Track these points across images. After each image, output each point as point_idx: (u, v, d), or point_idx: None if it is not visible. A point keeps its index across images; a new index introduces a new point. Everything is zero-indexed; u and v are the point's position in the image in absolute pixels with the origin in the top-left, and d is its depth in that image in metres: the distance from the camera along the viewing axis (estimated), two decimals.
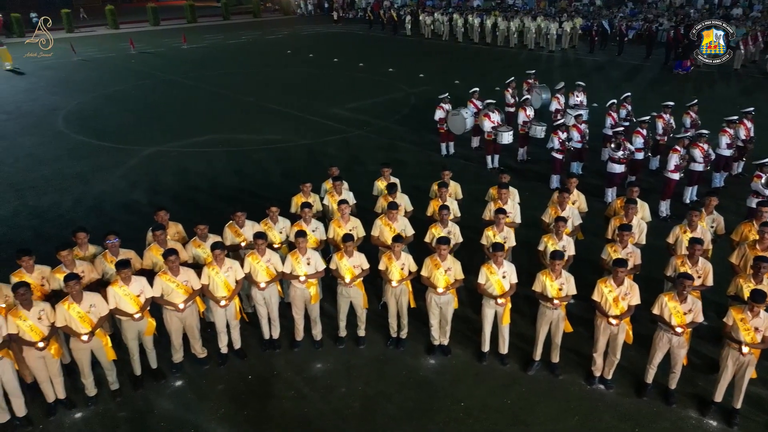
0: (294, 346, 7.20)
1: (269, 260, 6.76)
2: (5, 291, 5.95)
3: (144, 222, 9.60)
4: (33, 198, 11.75)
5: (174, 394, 6.46)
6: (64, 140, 15.60)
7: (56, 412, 6.16)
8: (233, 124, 16.87)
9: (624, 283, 5.94)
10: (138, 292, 6.17)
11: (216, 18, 44.48)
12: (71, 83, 22.77)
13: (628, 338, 6.18)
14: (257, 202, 10.26)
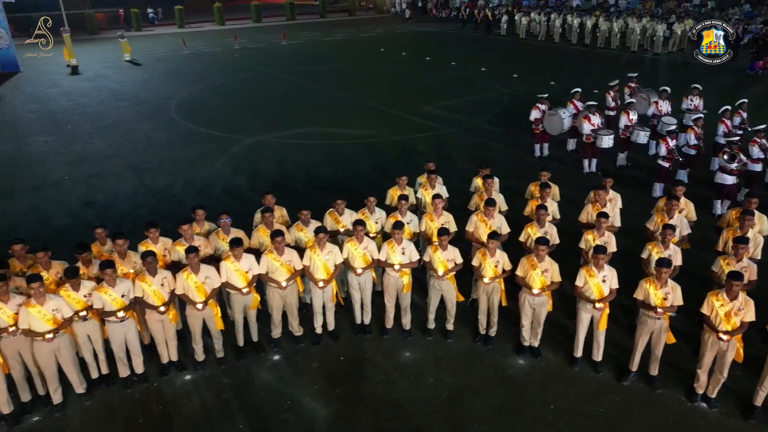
0: (383, 334, 7.41)
1: (366, 247, 7.01)
2: (134, 258, 6.61)
3: (244, 206, 10.27)
4: (149, 179, 12.82)
5: (272, 367, 6.87)
6: (176, 127, 16.87)
7: (169, 373, 6.75)
8: (328, 119, 17.46)
9: (738, 298, 5.61)
10: (247, 268, 6.62)
11: (313, 16, 46.04)
12: (182, 75, 24.51)
13: (737, 357, 5.83)
14: (350, 193, 10.61)
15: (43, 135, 16.12)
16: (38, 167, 13.58)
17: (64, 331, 5.97)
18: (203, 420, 6.08)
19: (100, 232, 6.85)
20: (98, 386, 6.51)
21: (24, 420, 6.08)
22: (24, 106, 19.40)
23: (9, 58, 25.37)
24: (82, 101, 20.00)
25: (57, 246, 6.94)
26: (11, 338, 5.79)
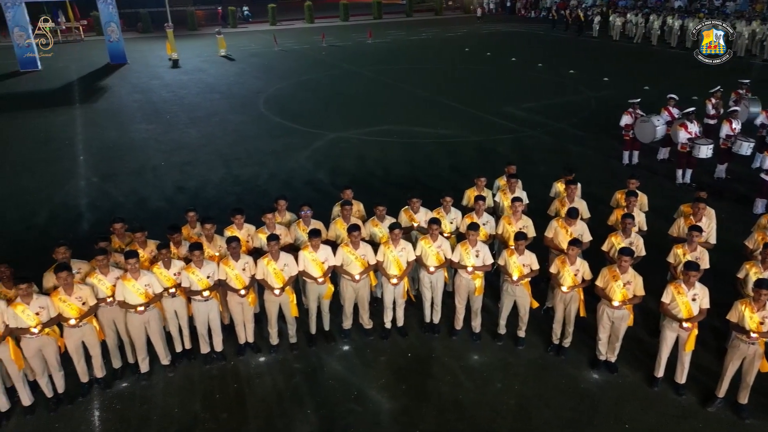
0: (452, 335, 7.37)
1: (440, 246, 6.99)
2: (220, 242, 6.99)
3: (324, 198, 10.53)
4: (237, 168, 13.48)
5: (341, 357, 7.03)
6: (264, 120, 17.61)
7: (245, 353, 7.08)
8: (409, 117, 17.54)
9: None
10: (323, 259, 6.81)
11: (399, 15, 46.37)
12: (272, 70, 25.52)
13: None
14: (426, 192, 10.63)
15: (144, 123, 17.37)
16: (139, 153, 14.66)
17: (154, 306, 6.42)
18: (274, 401, 6.33)
19: (191, 216, 7.29)
20: (181, 360, 6.95)
21: (114, 385, 6.60)
22: (129, 96, 20.98)
23: (118, 51, 27.50)
24: (180, 93, 21.35)
25: (152, 226, 7.44)
26: (108, 308, 6.31)
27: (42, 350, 6.00)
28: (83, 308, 6.01)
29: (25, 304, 5.71)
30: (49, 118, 18.08)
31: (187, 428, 5.96)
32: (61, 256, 6.24)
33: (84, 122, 17.56)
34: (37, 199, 11.70)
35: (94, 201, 11.66)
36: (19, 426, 6.02)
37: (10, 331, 5.73)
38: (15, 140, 15.82)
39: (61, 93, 21.64)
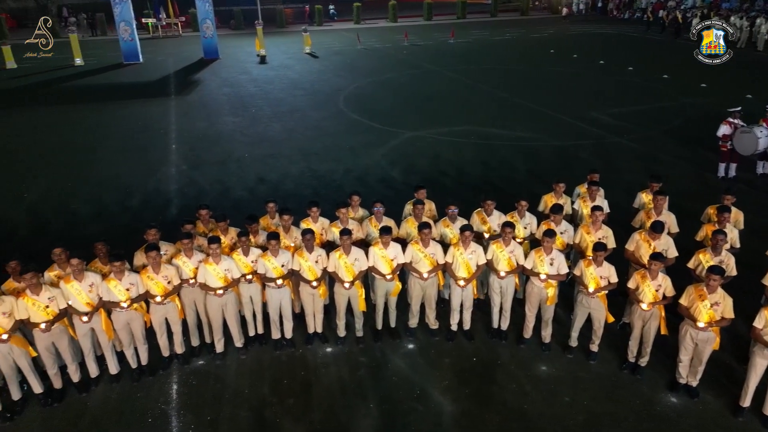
0: (520, 343, 7.19)
1: (512, 251, 6.85)
2: (295, 234, 7.22)
3: (397, 196, 10.60)
4: (315, 163, 13.85)
5: (406, 355, 7.06)
6: (343, 117, 17.97)
7: (313, 342, 7.29)
8: (486, 118, 17.27)
9: None
10: (393, 256, 6.87)
11: (484, 15, 45.68)
12: (353, 68, 25.96)
13: None
14: (500, 195, 10.42)
15: (231, 116, 18.23)
16: (225, 144, 15.40)
17: (232, 290, 6.74)
18: (338, 392, 6.47)
19: (270, 207, 7.58)
20: (253, 343, 7.25)
21: (192, 361, 7.00)
22: (219, 90, 22.08)
23: (211, 47, 29.01)
24: (266, 88, 22.21)
25: (233, 214, 7.82)
26: (190, 289, 6.69)
27: (130, 324, 6.46)
28: (168, 287, 6.41)
29: (117, 280, 6.17)
30: (146, 107, 19.41)
31: (256, 409, 6.21)
32: (152, 238, 6.70)
33: (177, 113, 18.69)
34: (132, 183, 12.60)
35: (182, 188, 12.39)
36: (106, 392, 6.52)
37: (103, 304, 6.21)
38: (116, 128, 17.10)
39: (159, 85, 23.14)
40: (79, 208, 11.36)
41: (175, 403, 6.33)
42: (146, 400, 6.36)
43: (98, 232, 10.01)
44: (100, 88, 22.86)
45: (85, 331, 6.27)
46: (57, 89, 22.65)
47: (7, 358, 5.94)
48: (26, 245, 9.65)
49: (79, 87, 23.03)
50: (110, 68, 26.72)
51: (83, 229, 10.37)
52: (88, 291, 6.07)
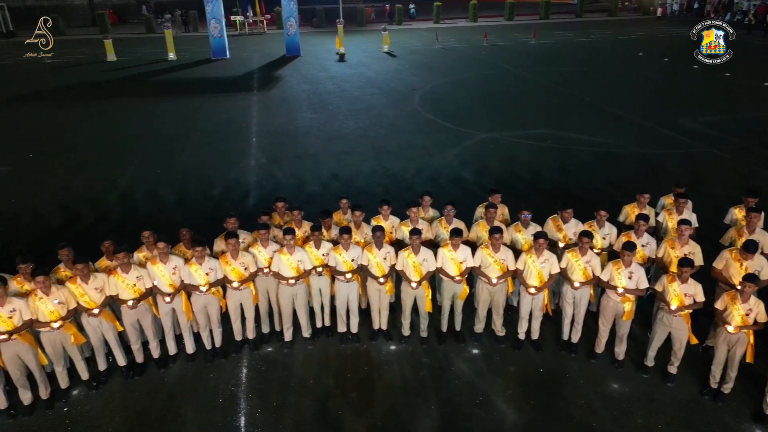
0: (591, 357, 6.91)
1: (588, 262, 6.59)
2: (366, 230, 7.30)
3: (468, 198, 10.51)
4: (387, 161, 13.95)
5: (470, 360, 6.98)
6: (417, 116, 17.99)
7: (377, 339, 7.35)
8: (565, 122, 16.70)
9: None
10: (462, 259, 6.80)
11: (569, 15, 44.22)
12: (430, 68, 25.91)
13: None
14: (577, 203, 10.05)
15: (309, 112, 18.72)
16: (302, 139, 15.84)
17: (303, 281, 6.93)
18: (400, 390, 6.49)
19: (344, 203, 7.71)
20: (320, 335, 7.42)
21: (261, 348, 7.26)
22: (299, 86, 22.74)
23: (294, 44, 29.92)
24: (343, 86, 22.62)
25: (306, 208, 7.99)
26: (264, 277, 6.94)
27: (207, 307, 6.80)
28: (245, 273, 6.69)
29: (198, 265, 6.51)
30: (231, 101, 20.31)
31: (320, 400, 6.35)
32: (231, 226, 7.01)
33: (259, 107, 19.43)
34: (214, 174, 13.23)
35: (260, 180, 12.86)
36: (182, 369, 6.90)
37: (184, 286, 6.57)
38: (202, 120, 18.01)
39: (243, 80, 24.15)
40: (165, 195, 12.07)
41: (244, 386, 6.59)
42: (218, 381, 6.66)
43: (182, 218, 10.61)
44: (189, 81, 24.16)
45: (167, 310, 6.66)
46: (151, 82, 24.18)
47: (96, 331, 6.42)
48: (118, 227, 10.38)
49: (170, 80, 24.46)
50: (200, 63, 28.17)
51: (169, 215, 11.01)
52: (171, 273, 6.45)
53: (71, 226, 10.66)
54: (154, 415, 6.16)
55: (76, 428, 6.01)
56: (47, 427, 6.03)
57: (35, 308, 5.89)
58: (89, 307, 6.16)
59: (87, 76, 25.02)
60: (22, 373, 6.10)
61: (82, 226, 10.64)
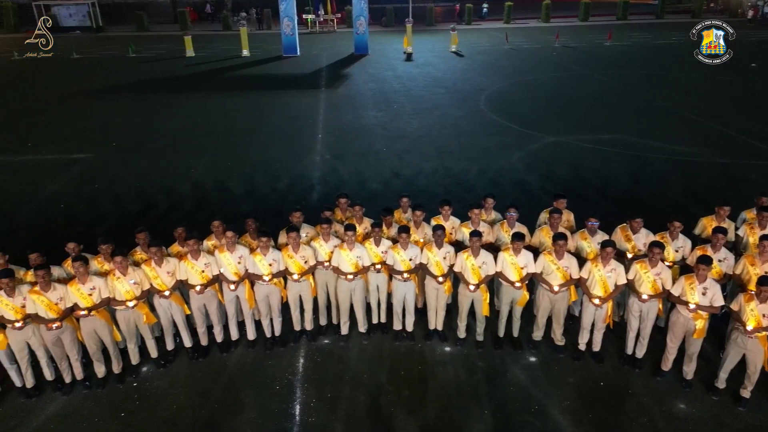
0: (657, 375, 6.59)
1: (659, 274, 6.28)
2: (426, 229, 7.29)
3: (531, 202, 10.29)
4: (449, 161, 13.87)
5: (527, 367, 6.83)
6: (481, 117, 17.76)
7: (432, 339, 7.33)
8: (639, 128, 15.99)
9: None
10: (523, 264, 6.66)
11: (648, 16, 42.31)
12: (498, 68, 25.52)
13: None
14: (648, 212, 9.61)
15: (374, 110, 18.89)
16: (366, 137, 16.02)
17: (361, 277, 7.01)
18: (453, 392, 6.45)
19: (404, 201, 7.73)
20: (375, 331, 7.49)
21: (318, 339, 7.41)
22: (365, 84, 22.98)
23: (362, 43, 30.27)
24: (409, 85, 22.67)
25: (368, 205, 8.06)
26: (324, 270, 7.08)
27: (268, 296, 7.02)
28: (305, 266, 6.86)
29: (262, 255, 6.73)
30: (299, 98, 20.82)
31: (373, 395, 6.42)
32: (296, 220, 7.19)
33: (326, 104, 19.81)
34: (281, 168, 13.62)
35: (324, 175, 13.12)
36: (243, 355, 7.16)
37: (248, 275, 6.82)
38: (271, 115, 18.58)
39: (312, 77, 24.69)
40: (234, 186, 12.54)
41: (300, 375, 6.76)
42: (276, 369, 6.87)
43: (249, 209, 11.01)
44: (261, 78, 24.97)
45: (231, 297, 6.94)
46: (225, 77, 25.17)
47: (166, 312, 6.78)
48: (190, 215, 10.90)
49: (243, 76, 25.37)
50: (271, 60, 29.05)
51: (236, 206, 11.44)
52: (237, 262, 6.71)
53: (148, 211, 11.29)
54: (215, 397, 6.44)
55: (144, 403, 6.37)
56: (118, 400, 6.42)
57: (113, 287, 6.29)
58: (161, 289, 6.51)
59: (167, 71, 26.36)
60: (98, 348, 6.53)
61: (158, 213, 11.25)
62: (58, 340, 6.25)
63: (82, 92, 21.90)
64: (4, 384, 6.48)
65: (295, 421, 6.09)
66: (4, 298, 5.89)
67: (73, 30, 40.55)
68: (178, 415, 6.18)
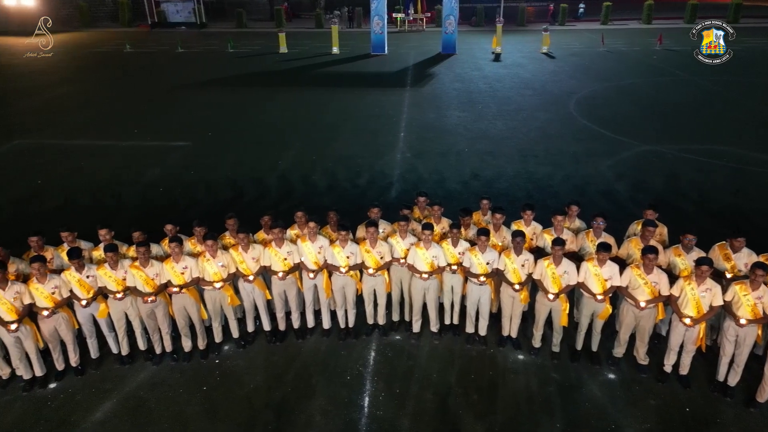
0: (751, 406, 6.09)
1: (760, 298, 5.80)
2: (505, 233, 7.15)
3: (620, 213, 9.84)
4: (533, 165, 13.49)
5: (604, 384, 6.53)
6: (570, 122, 17.11)
7: (505, 346, 7.19)
8: (746, 139, 14.78)
9: None
10: (607, 276, 6.38)
11: (765, 20, 38.80)
12: (591, 71, 24.46)
13: None
14: (755, 230, 8.87)
15: (458, 110, 18.73)
16: (448, 137, 15.92)
17: (435, 276, 7.00)
18: (524, 401, 6.30)
19: (485, 203, 7.61)
20: (447, 332, 7.46)
21: (390, 335, 7.48)
22: (450, 84, 22.83)
23: (450, 42, 30.07)
24: (495, 86, 22.27)
25: (445, 205, 7.96)
26: (399, 267, 7.13)
27: (344, 288, 7.18)
28: (380, 261, 6.95)
29: (341, 248, 6.89)
30: (384, 96, 21.05)
31: (441, 395, 6.41)
32: (374, 215, 7.30)
33: (410, 103, 19.89)
34: (362, 164, 13.85)
35: (404, 173, 13.20)
36: (317, 343, 7.39)
37: (327, 266, 7.01)
38: (356, 112, 18.93)
39: (398, 76, 24.88)
40: (317, 179, 12.92)
41: (371, 368, 6.88)
42: (347, 360, 7.03)
43: (330, 202, 11.31)
44: (348, 75, 25.51)
45: (310, 286, 7.18)
46: (314, 73, 25.94)
47: (249, 296, 7.13)
48: (275, 204, 11.36)
49: (331, 73, 26.03)
50: (359, 58, 29.58)
51: (318, 198, 11.79)
52: (317, 252, 6.92)
53: (237, 199, 11.90)
54: (290, 380, 6.69)
55: (224, 380, 6.74)
56: (201, 374, 6.84)
57: (202, 268, 6.69)
58: (246, 274, 6.85)
59: (261, 66, 27.57)
60: (186, 324, 6.99)
61: (246, 201, 11.82)
62: (152, 313, 6.76)
63: (184, 84, 23.39)
64: (103, 350, 7.08)
65: (364, 412, 6.20)
66: (108, 271, 6.45)
67: (179, 26, 43.36)
68: (254, 394, 6.49)
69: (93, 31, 41.95)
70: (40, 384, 6.65)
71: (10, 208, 11.53)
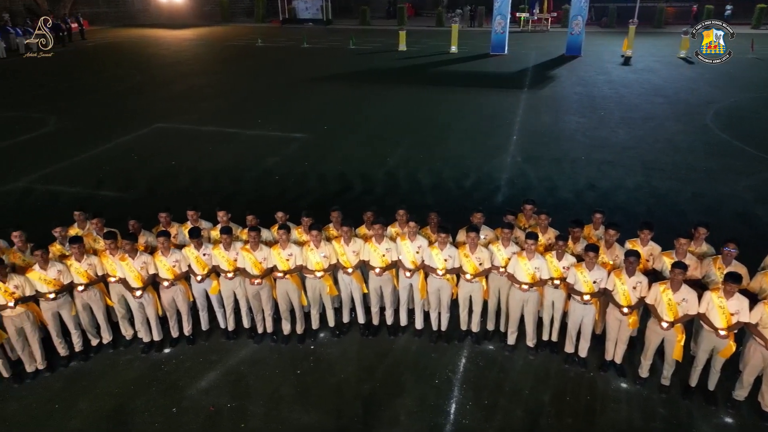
0: None
1: None
2: (617, 251, 6.67)
3: (757, 240, 8.77)
4: (657, 179, 12.45)
5: (720, 427, 5.84)
6: (705, 134, 15.57)
7: (607, 371, 6.72)
8: None
9: None
10: (734, 310, 5.72)
11: None
12: (736, 79, 22.11)
13: None
14: None
15: (577, 116, 17.79)
16: (564, 143, 15.17)
17: (536, 289, 6.72)
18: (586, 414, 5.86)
19: (598, 217, 7.13)
20: (544, 348, 7.14)
21: (483, 343, 7.32)
22: (571, 88, 21.74)
23: (575, 44, 28.59)
24: (621, 91, 20.85)
25: (554, 215, 7.61)
26: (498, 276, 6.92)
27: (440, 290, 7.10)
28: (479, 268, 6.80)
29: (439, 250, 6.82)
30: (500, 97, 20.56)
31: (532, 413, 6.14)
32: (476, 220, 7.14)
33: (526, 106, 19.24)
34: (469, 165, 13.63)
35: (512, 178, 12.80)
36: (408, 342, 7.40)
37: (423, 267, 6.99)
38: (468, 112, 18.66)
39: (516, 77, 24.17)
40: (423, 178, 12.93)
41: (460, 375, 6.76)
42: (437, 363, 6.97)
43: (433, 202, 11.27)
44: (465, 74, 25.23)
45: (405, 284, 7.22)
46: (431, 72, 25.97)
47: (347, 288, 7.32)
48: (380, 201, 11.54)
49: (448, 72, 25.91)
50: (478, 57, 29.14)
51: (422, 197, 11.79)
52: (415, 252, 6.91)
53: (344, 192, 12.26)
54: (379, 375, 6.78)
55: (318, 366, 6.99)
56: (297, 358, 7.15)
57: (306, 257, 6.98)
58: (346, 266, 7.04)
59: (380, 63, 28.13)
60: (287, 308, 7.33)
61: (352, 194, 12.14)
62: (257, 294, 7.17)
63: (306, 78, 24.51)
64: (212, 323, 7.64)
65: (449, 419, 6.12)
66: (221, 251, 6.93)
67: (306, 22, 45.55)
68: (345, 383, 6.66)
69: (230, 26, 45.40)
70: (156, 348, 7.33)
71: (147, 185, 12.81)
